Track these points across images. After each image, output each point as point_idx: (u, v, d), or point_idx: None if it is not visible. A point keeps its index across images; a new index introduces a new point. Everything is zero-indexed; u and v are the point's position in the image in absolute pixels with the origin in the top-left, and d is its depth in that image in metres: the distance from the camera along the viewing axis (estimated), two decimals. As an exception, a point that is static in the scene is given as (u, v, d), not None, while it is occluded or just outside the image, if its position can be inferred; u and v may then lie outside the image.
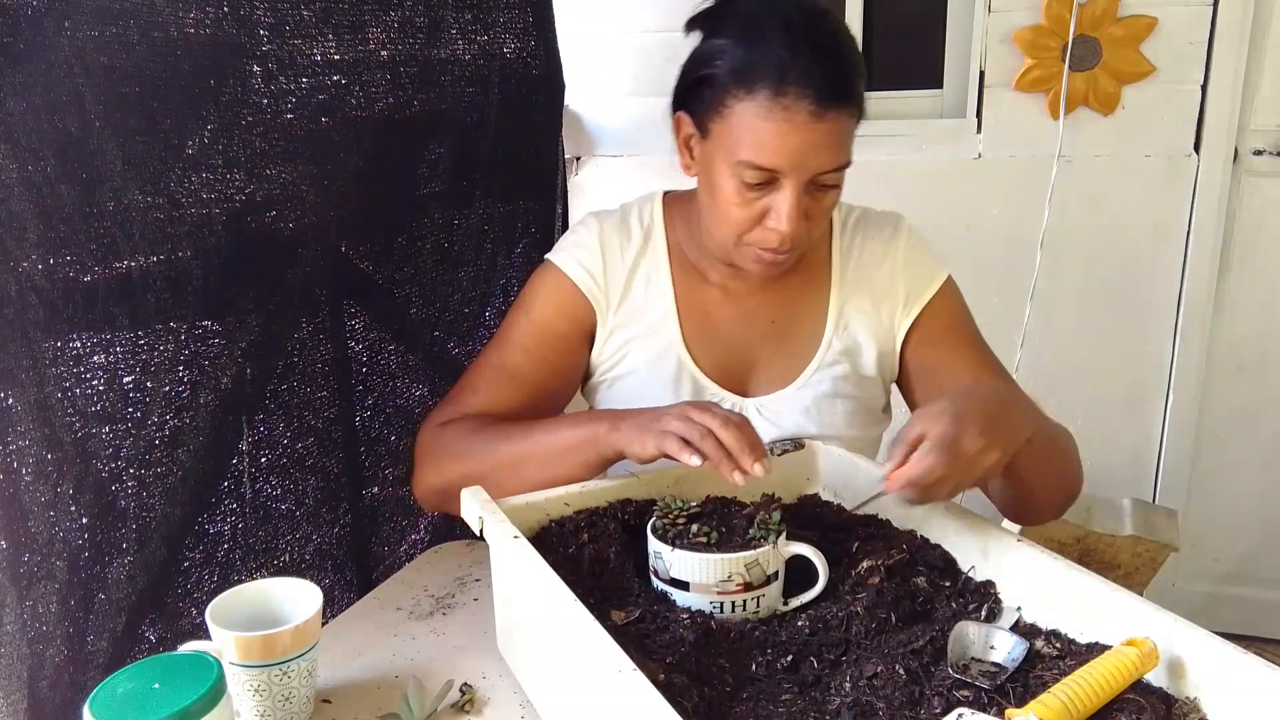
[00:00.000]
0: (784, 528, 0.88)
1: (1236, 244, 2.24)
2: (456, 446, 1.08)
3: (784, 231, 1.00)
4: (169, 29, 1.00)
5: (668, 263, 1.18)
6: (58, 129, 0.90)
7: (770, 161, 0.98)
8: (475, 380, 1.16)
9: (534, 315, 1.17)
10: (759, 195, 1.01)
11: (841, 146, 1.00)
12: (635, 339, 1.17)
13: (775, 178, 0.99)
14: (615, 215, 1.21)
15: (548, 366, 1.16)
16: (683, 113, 1.07)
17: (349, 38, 1.23)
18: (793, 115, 0.95)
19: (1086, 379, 2.34)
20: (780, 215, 1.00)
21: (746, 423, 0.92)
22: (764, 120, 0.96)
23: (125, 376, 1.01)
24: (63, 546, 0.95)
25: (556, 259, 1.18)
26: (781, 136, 0.96)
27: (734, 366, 1.17)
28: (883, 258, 1.18)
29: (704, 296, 1.18)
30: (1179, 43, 2.13)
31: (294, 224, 1.19)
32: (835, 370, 1.16)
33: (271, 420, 1.22)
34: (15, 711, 0.91)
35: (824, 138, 0.97)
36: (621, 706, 0.66)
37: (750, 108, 0.97)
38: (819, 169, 0.99)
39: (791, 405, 1.16)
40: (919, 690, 0.72)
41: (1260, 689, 0.66)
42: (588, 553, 0.91)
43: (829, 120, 0.96)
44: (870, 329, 1.17)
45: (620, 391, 1.18)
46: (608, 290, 1.16)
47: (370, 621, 1.05)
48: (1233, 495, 2.39)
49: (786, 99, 0.95)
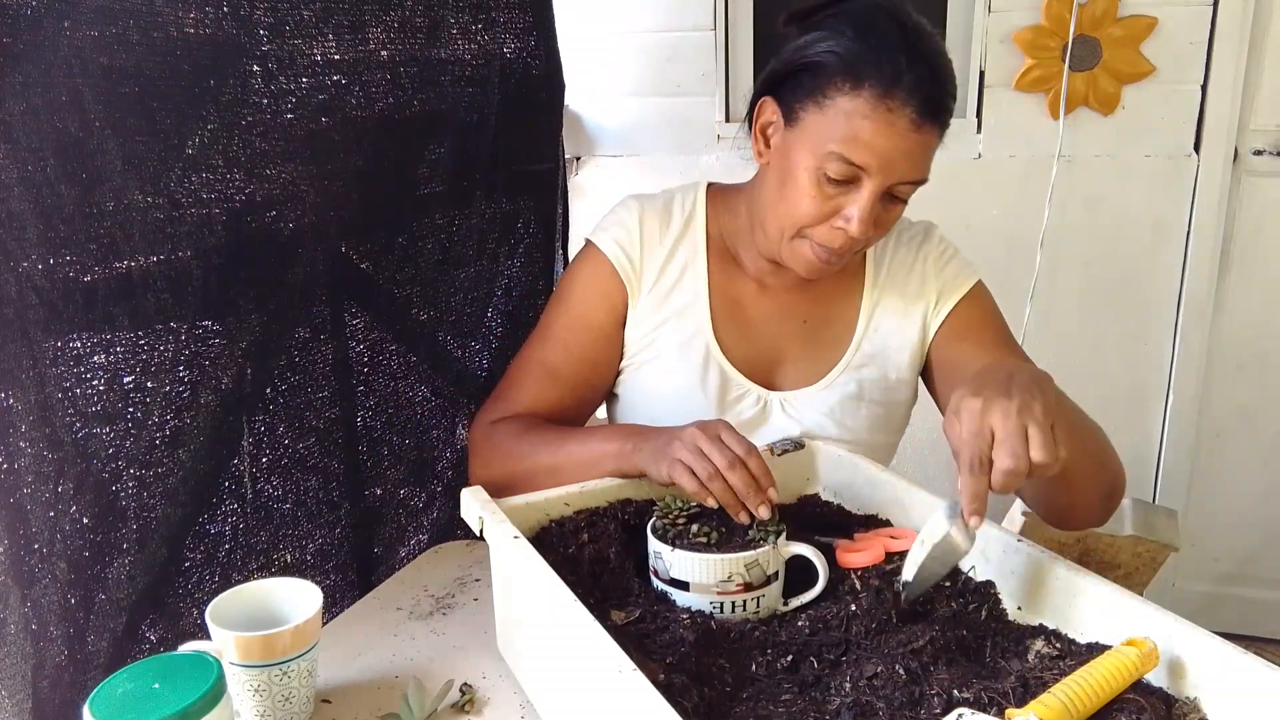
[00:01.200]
0: (784, 528, 0.89)
1: (1236, 244, 2.24)
2: (505, 446, 1.12)
3: (853, 233, 1.01)
4: (169, 29, 1.00)
5: (705, 252, 1.19)
6: (58, 129, 0.90)
7: (861, 159, 0.98)
8: (520, 377, 1.20)
9: (573, 308, 1.19)
10: (835, 192, 1.01)
11: (925, 159, 1.01)
12: (666, 323, 1.18)
13: (858, 177, 1.00)
14: (658, 200, 1.22)
15: (587, 362, 1.19)
16: (769, 98, 1.07)
17: (349, 38, 1.23)
18: (895, 119, 0.97)
19: (1086, 379, 2.34)
20: (853, 216, 1.01)
21: (753, 454, 0.92)
22: (865, 117, 0.97)
23: (125, 376, 1.01)
24: (63, 546, 0.95)
25: (596, 238, 1.20)
26: (879, 137, 0.97)
27: (762, 360, 1.18)
28: (914, 263, 1.19)
29: (739, 289, 1.19)
30: (1179, 43, 2.13)
31: (294, 224, 1.19)
32: (862, 374, 1.17)
33: (272, 420, 1.22)
34: (20, 711, 0.91)
35: (916, 148, 0.99)
36: (621, 706, 0.66)
37: (854, 102, 0.98)
38: (902, 177, 1.00)
39: (816, 404, 1.16)
40: (919, 690, 0.72)
41: (1260, 689, 0.66)
42: (588, 553, 0.91)
43: (925, 133, 0.98)
44: (902, 334, 1.18)
45: (648, 376, 1.19)
46: (643, 271, 1.18)
47: (370, 621, 1.05)
48: (1233, 495, 2.39)
49: (894, 101, 0.96)
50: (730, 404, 1.17)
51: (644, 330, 1.18)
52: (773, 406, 1.17)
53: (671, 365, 1.17)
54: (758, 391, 1.17)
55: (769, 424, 1.17)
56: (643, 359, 1.19)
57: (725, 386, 1.16)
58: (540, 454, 1.07)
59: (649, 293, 1.18)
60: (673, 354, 1.17)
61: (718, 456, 0.91)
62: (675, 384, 1.16)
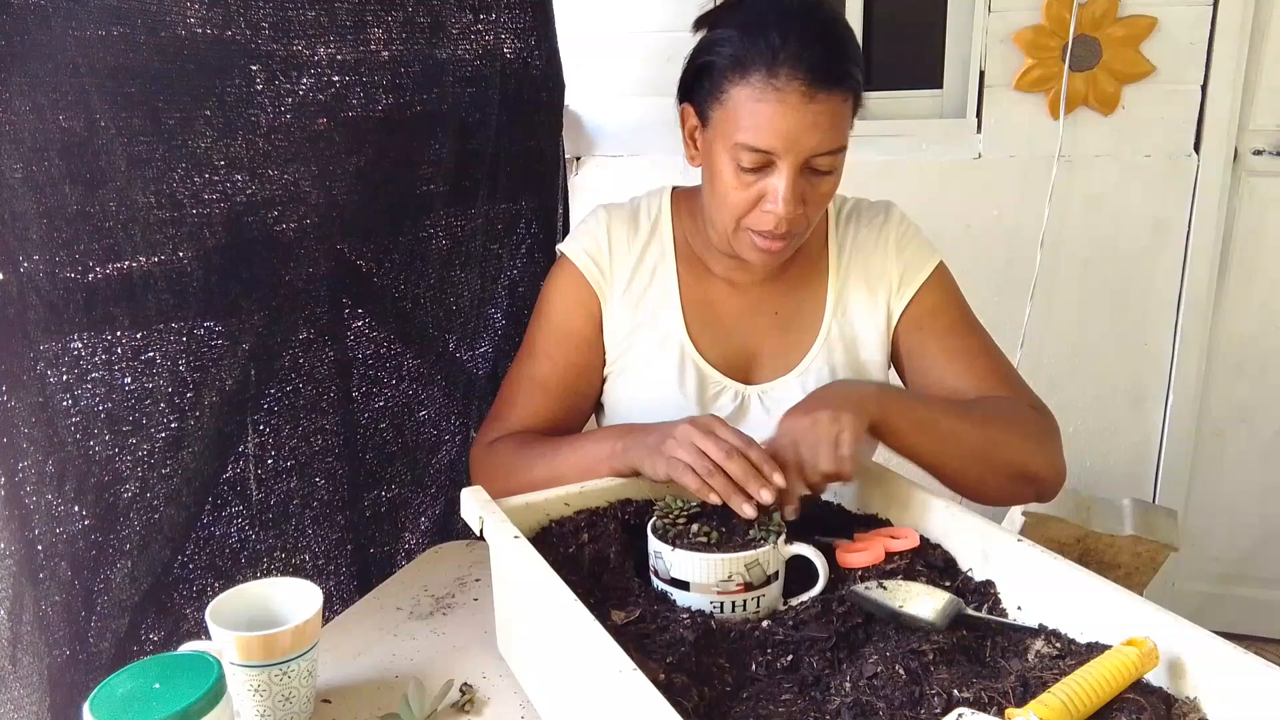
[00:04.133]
0: (784, 528, 0.89)
1: (1236, 243, 2.24)
2: (504, 463, 1.13)
3: (779, 213, 1.02)
4: (175, 28, 1.00)
5: (673, 255, 1.20)
6: (63, 128, 0.90)
7: (765, 143, 0.99)
8: (512, 395, 1.22)
9: (552, 319, 1.21)
10: (756, 179, 1.03)
11: (835, 129, 1.01)
12: (640, 327, 1.19)
13: (771, 160, 1.01)
14: (625, 208, 1.24)
15: (574, 370, 1.21)
16: (687, 104, 1.10)
17: (351, 38, 1.23)
18: (785, 96, 0.97)
19: (1086, 379, 2.34)
20: (776, 197, 1.02)
21: (752, 445, 0.93)
22: (758, 102, 0.99)
23: (127, 377, 1.01)
24: (65, 548, 0.95)
25: (565, 249, 1.22)
26: (775, 117, 0.98)
27: (737, 356, 1.19)
28: (876, 244, 1.20)
29: (708, 289, 1.20)
30: (1179, 43, 2.13)
31: (296, 224, 1.19)
32: (834, 358, 1.18)
33: (274, 421, 1.22)
34: (39, 710, 0.91)
35: (816, 118, 0.99)
36: (621, 706, 0.66)
37: (745, 91, 0.99)
38: (813, 150, 1.00)
39: (793, 392, 1.17)
40: (919, 690, 0.72)
41: (1260, 689, 0.66)
42: (588, 553, 0.91)
43: (820, 101, 0.98)
44: (869, 316, 1.19)
45: (628, 382, 1.21)
46: (613, 278, 1.20)
47: (370, 621, 1.05)
48: (1232, 495, 2.39)
49: (779, 80, 0.97)
50: (709, 401, 1.18)
51: (620, 336, 1.20)
52: (751, 400, 1.18)
53: (649, 369, 1.19)
54: (735, 387, 1.18)
55: (748, 418, 1.18)
56: (622, 365, 1.21)
57: (703, 385, 1.18)
58: (537, 467, 1.08)
59: (621, 297, 1.20)
60: (650, 358, 1.19)
61: (714, 450, 0.91)
62: (655, 387, 1.18)
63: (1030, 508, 1.95)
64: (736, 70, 1.00)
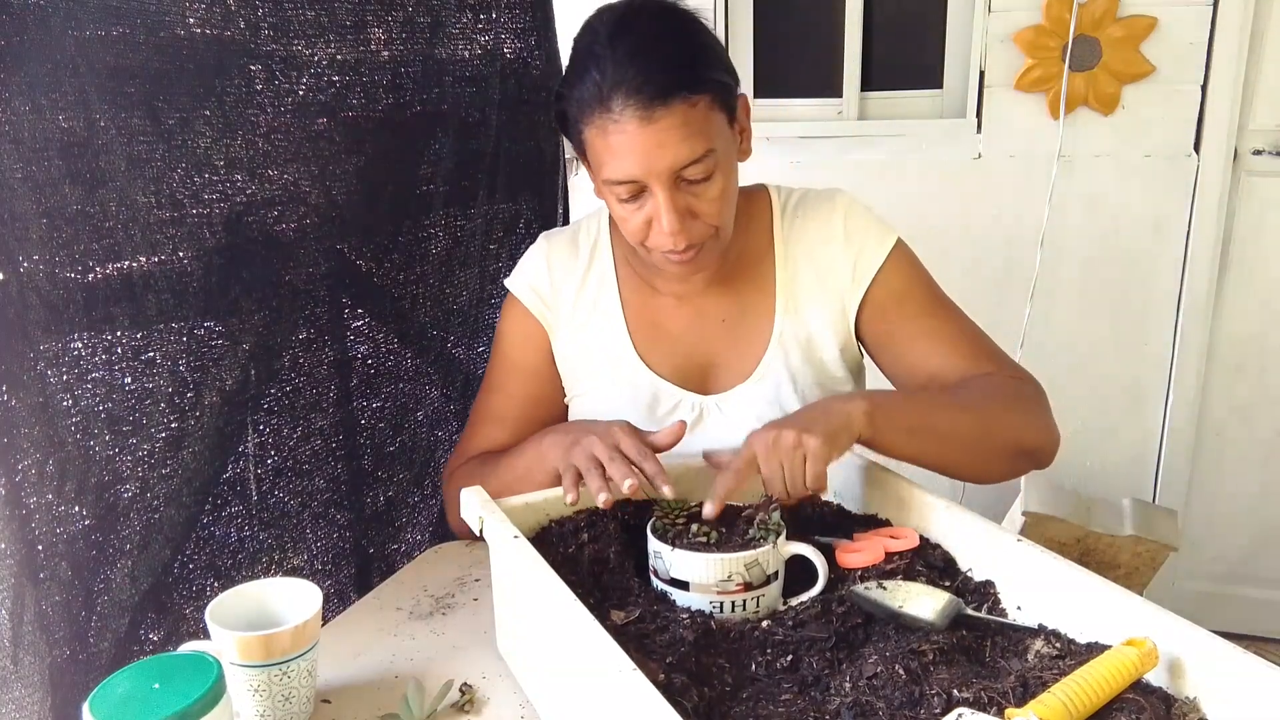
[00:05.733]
0: (784, 528, 0.89)
1: (1236, 243, 2.24)
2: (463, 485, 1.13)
3: (669, 230, 1.02)
4: (174, 29, 1.00)
5: (614, 276, 1.21)
6: (63, 129, 0.90)
7: (624, 174, 1.00)
8: (475, 425, 1.27)
9: (505, 354, 1.25)
10: (639, 205, 1.04)
11: (690, 138, 0.98)
12: (588, 351, 1.20)
13: (640, 187, 1.01)
14: (565, 233, 1.26)
15: (530, 400, 1.24)
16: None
17: (351, 38, 1.23)
18: (625, 125, 0.98)
19: (1086, 379, 2.34)
20: (659, 219, 1.02)
21: (647, 457, 0.95)
22: (605, 137, 0.99)
23: (127, 377, 1.01)
24: (65, 548, 0.95)
25: (510, 284, 1.24)
26: (624, 148, 0.99)
27: (690, 368, 1.19)
28: (823, 236, 1.16)
29: (653, 304, 1.20)
30: (1179, 43, 2.13)
31: (296, 224, 1.19)
32: (790, 359, 1.16)
33: (274, 421, 1.22)
34: (41, 710, 0.91)
35: (663, 135, 0.98)
36: (621, 706, 0.66)
37: (592, 131, 1.01)
38: (673, 165, 0.99)
39: (752, 397, 1.16)
40: (919, 690, 0.72)
41: (1260, 689, 0.66)
42: (588, 553, 0.91)
43: (661, 118, 0.97)
44: (822, 310, 1.16)
45: (586, 404, 1.22)
46: (557, 307, 1.21)
47: (370, 621, 1.05)
48: (1232, 495, 2.39)
49: (613, 112, 0.98)
50: (665, 416, 1.17)
51: (572, 362, 1.21)
52: (708, 410, 1.17)
53: (604, 390, 1.19)
54: (692, 399, 1.17)
55: (704, 429, 1.17)
56: (579, 389, 1.22)
57: (656, 400, 1.17)
58: (490, 482, 1.07)
59: (568, 324, 1.20)
60: (602, 379, 1.19)
61: (600, 451, 0.95)
62: (611, 406, 1.17)
63: (1030, 508, 1.95)
64: (581, 114, 1.01)
